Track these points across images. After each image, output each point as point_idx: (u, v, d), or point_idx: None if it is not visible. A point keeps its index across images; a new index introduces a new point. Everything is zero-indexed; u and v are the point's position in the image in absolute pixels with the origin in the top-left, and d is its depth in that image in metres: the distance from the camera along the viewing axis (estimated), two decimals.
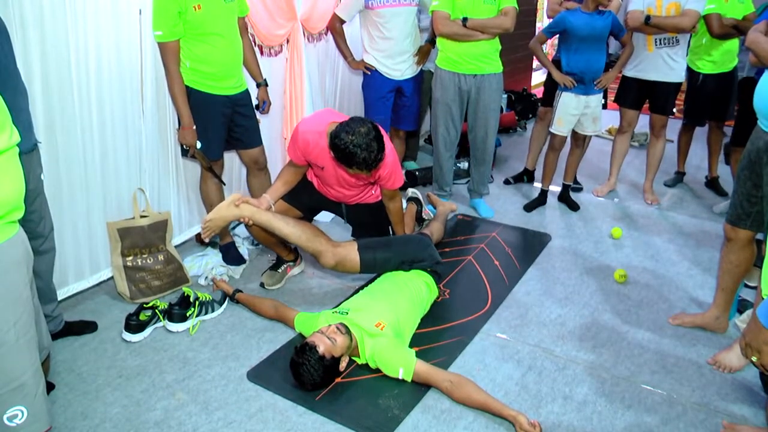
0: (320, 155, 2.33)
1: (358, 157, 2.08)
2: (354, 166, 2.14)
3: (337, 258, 2.33)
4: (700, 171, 4.21)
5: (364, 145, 2.07)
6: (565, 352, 2.25)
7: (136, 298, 2.51)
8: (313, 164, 2.43)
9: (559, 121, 3.43)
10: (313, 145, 2.32)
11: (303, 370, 1.93)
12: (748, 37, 2.43)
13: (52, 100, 2.19)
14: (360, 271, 2.40)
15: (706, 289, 2.70)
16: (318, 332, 2.02)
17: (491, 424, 1.86)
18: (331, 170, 2.39)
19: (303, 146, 2.35)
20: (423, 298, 2.35)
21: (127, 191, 2.60)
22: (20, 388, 1.28)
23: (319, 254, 2.34)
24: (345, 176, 2.40)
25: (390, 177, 2.43)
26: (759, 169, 2.00)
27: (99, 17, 2.29)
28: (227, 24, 2.52)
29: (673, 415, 1.91)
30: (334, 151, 2.13)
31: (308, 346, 1.95)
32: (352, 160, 2.10)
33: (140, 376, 2.08)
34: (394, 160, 2.41)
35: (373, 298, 2.27)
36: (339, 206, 2.68)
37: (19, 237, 1.30)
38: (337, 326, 2.03)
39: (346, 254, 2.35)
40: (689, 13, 3.22)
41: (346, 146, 2.07)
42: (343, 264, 2.35)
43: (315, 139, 2.30)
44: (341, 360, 2.00)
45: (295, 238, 2.35)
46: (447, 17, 3.10)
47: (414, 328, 2.26)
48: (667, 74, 3.43)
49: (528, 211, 3.62)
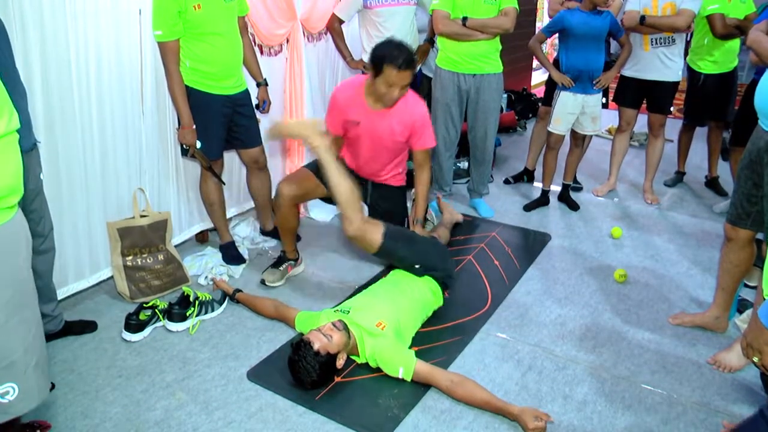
0: (357, 108, 2.50)
1: (392, 52, 2.28)
2: (387, 61, 2.28)
3: (361, 232, 2.29)
4: (700, 171, 4.21)
5: (398, 45, 2.33)
6: (565, 351, 2.25)
7: (135, 298, 2.51)
8: (350, 124, 2.52)
9: (556, 120, 3.43)
10: (349, 99, 2.50)
11: (299, 367, 1.93)
12: (749, 36, 2.43)
13: (52, 99, 2.19)
14: (374, 253, 2.36)
15: (706, 289, 2.70)
16: (315, 330, 2.02)
17: (491, 424, 1.86)
18: (367, 126, 2.50)
19: (342, 102, 2.51)
20: (426, 304, 2.34)
21: (127, 191, 2.60)
22: (10, 366, 1.29)
23: (348, 220, 2.28)
24: (379, 133, 2.51)
25: (423, 130, 2.56)
26: (759, 169, 2.00)
27: (99, 17, 2.29)
28: (227, 23, 2.52)
29: (673, 415, 1.91)
30: (372, 59, 2.36)
31: (303, 343, 1.96)
32: (386, 56, 2.29)
33: (140, 376, 2.08)
34: (426, 113, 2.58)
35: (375, 298, 2.27)
36: (365, 188, 2.70)
37: (16, 220, 1.31)
38: (333, 323, 2.03)
39: (371, 233, 2.31)
40: (684, 13, 3.23)
41: (381, 48, 2.33)
42: (363, 240, 2.31)
43: (351, 94, 2.51)
44: (338, 357, 2.00)
45: (342, 190, 2.29)
46: (447, 17, 3.10)
47: (414, 332, 2.25)
48: (664, 73, 3.44)
49: (527, 211, 3.62)
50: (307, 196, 2.74)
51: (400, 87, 2.35)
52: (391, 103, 2.44)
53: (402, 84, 2.34)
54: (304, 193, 2.66)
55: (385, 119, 2.51)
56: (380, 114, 2.49)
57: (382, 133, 2.52)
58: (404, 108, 2.50)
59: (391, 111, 2.49)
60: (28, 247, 1.37)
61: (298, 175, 2.71)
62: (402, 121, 2.52)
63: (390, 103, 2.43)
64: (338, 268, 2.92)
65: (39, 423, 1.80)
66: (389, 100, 2.41)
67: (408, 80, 2.35)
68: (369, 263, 2.94)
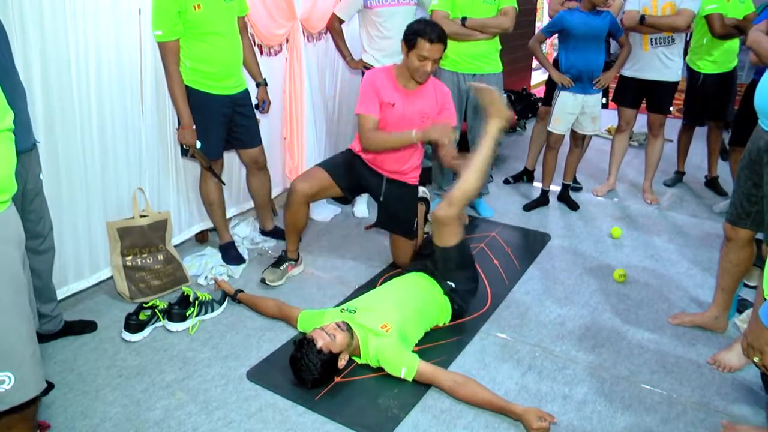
0: (390, 91, 2.55)
1: (425, 27, 2.40)
2: (421, 34, 2.38)
3: (450, 221, 2.32)
4: (700, 171, 4.21)
5: (429, 21, 2.48)
6: (564, 351, 2.25)
7: (135, 298, 2.51)
8: (384, 106, 2.55)
9: (556, 120, 3.44)
10: (382, 82, 2.55)
11: (301, 365, 1.94)
12: (749, 36, 2.43)
13: (51, 100, 2.19)
14: (447, 245, 2.35)
15: (705, 289, 2.70)
16: (318, 328, 2.02)
17: (491, 424, 1.86)
18: (400, 107, 2.55)
19: (380, 83, 2.55)
20: (431, 318, 2.31)
21: (127, 191, 2.60)
22: (6, 354, 1.29)
23: (451, 205, 2.31)
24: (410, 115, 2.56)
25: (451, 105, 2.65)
26: (759, 169, 2.00)
27: (99, 17, 2.29)
28: (227, 23, 2.52)
29: (673, 415, 1.91)
30: (405, 34, 2.45)
31: (307, 341, 1.96)
32: (419, 30, 2.39)
33: (140, 376, 2.08)
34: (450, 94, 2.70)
35: (382, 300, 2.26)
36: (379, 186, 2.72)
37: (9, 213, 1.31)
38: (338, 323, 2.03)
39: (454, 230, 2.35)
40: (684, 13, 3.23)
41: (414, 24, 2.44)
42: (444, 227, 2.33)
43: (382, 77, 2.57)
44: (340, 358, 2.00)
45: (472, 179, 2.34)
46: (446, 16, 3.10)
47: (416, 341, 2.22)
48: (663, 73, 3.44)
49: (527, 211, 3.62)
50: (320, 195, 2.73)
51: (432, 60, 2.43)
52: (424, 78, 2.51)
53: (434, 57, 2.42)
54: (318, 191, 2.66)
55: (419, 98, 2.58)
56: (413, 93, 2.57)
57: (416, 112, 2.58)
58: (432, 86, 2.62)
59: (421, 90, 2.58)
60: (21, 246, 1.36)
61: (313, 173, 2.70)
62: (432, 97, 2.61)
63: (423, 78, 2.51)
64: (338, 268, 2.92)
65: (39, 423, 1.80)
66: (423, 74, 2.48)
67: (439, 54, 2.44)
68: (369, 263, 2.94)
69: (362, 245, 3.15)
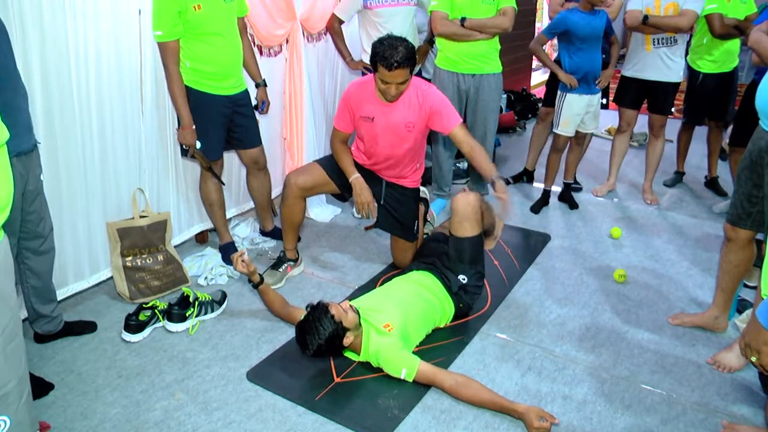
0: (370, 105, 2.51)
1: (384, 51, 2.27)
2: (378, 60, 2.29)
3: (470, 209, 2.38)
4: (700, 171, 4.21)
5: (391, 43, 2.29)
6: (564, 352, 2.25)
7: (135, 299, 2.51)
8: (363, 120, 2.53)
9: (565, 123, 3.42)
10: (361, 96, 2.52)
11: (310, 326, 1.95)
12: (750, 37, 2.43)
13: (51, 100, 2.19)
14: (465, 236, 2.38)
15: (705, 289, 2.70)
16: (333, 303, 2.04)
17: (491, 424, 1.86)
18: (381, 120, 2.51)
19: (354, 99, 2.53)
20: (434, 320, 2.32)
21: (127, 191, 2.60)
22: (4, 398, 1.25)
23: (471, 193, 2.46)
24: (394, 124, 2.50)
25: (444, 110, 2.49)
26: (760, 170, 2.00)
27: (99, 17, 2.29)
28: (227, 24, 2.52)
29: (673, 415, 1.91)
30: (370, 56, 2.36)
31: (321, 304, 1.99)
32: (377, 54, 2.29)
33: (140, 377, 2.08)
34: (441, 95, 2.55)
35: (386, 300, 2.25)
36: (379, 189, 2.70)
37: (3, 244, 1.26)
38: (350, 305, 2.07)
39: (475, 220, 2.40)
40: (687, 13, 3.22)
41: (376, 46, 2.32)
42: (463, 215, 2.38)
43: (363, 91, 2.52)
44: (347, 335, 1.99)
45: None
46: (445, 17, 3.10)
47: (417, 343, 2.22)
48: (665, 74, 3.44)
49: (536, 213, 3.60)
50: (315, 190, 2.73)
51: (395, 84, 2.35)
52: (393, 99, 2.44)
53: (396, 82, 2.34)
54: (313, 185, 2.67)
55: (398, 110, 2.49)
56: (392, 106, 2.49)
57: (397, 123, 2.51)
58: (416, 95, 2.49)
59: (403, 100, 2.48)
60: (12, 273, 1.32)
61: (309, 168, 2.71)
62: (415, 107, 2.49)
63: (390, 99, 2.43)
64: (338, 268, 2.92)
65: (39, 423, 1.80)
66: (390, 96, 2.42)
67: (403, 78, 2.33)
68: (369, 263, 2.94)
69: (362, 245, 3.16)
